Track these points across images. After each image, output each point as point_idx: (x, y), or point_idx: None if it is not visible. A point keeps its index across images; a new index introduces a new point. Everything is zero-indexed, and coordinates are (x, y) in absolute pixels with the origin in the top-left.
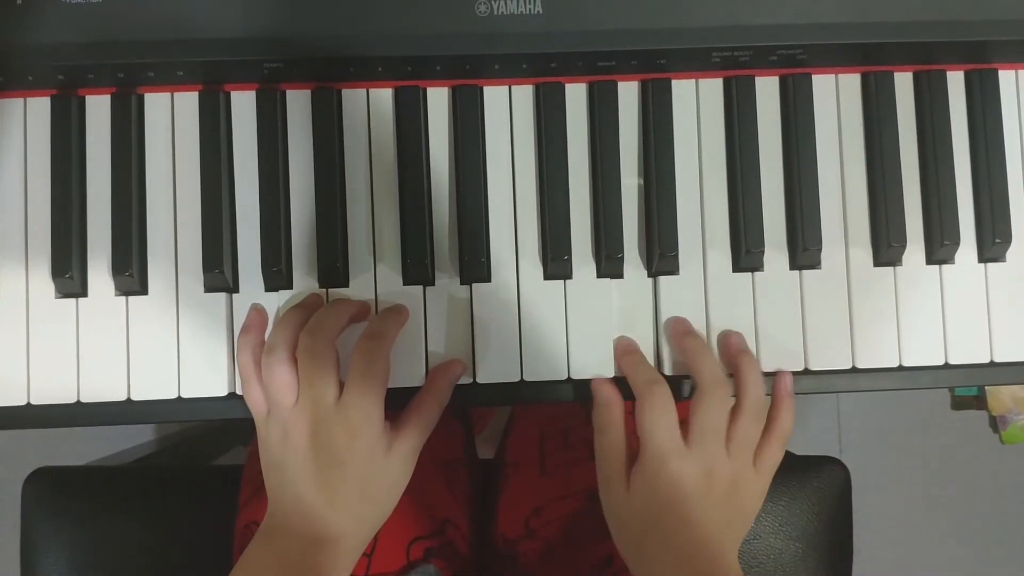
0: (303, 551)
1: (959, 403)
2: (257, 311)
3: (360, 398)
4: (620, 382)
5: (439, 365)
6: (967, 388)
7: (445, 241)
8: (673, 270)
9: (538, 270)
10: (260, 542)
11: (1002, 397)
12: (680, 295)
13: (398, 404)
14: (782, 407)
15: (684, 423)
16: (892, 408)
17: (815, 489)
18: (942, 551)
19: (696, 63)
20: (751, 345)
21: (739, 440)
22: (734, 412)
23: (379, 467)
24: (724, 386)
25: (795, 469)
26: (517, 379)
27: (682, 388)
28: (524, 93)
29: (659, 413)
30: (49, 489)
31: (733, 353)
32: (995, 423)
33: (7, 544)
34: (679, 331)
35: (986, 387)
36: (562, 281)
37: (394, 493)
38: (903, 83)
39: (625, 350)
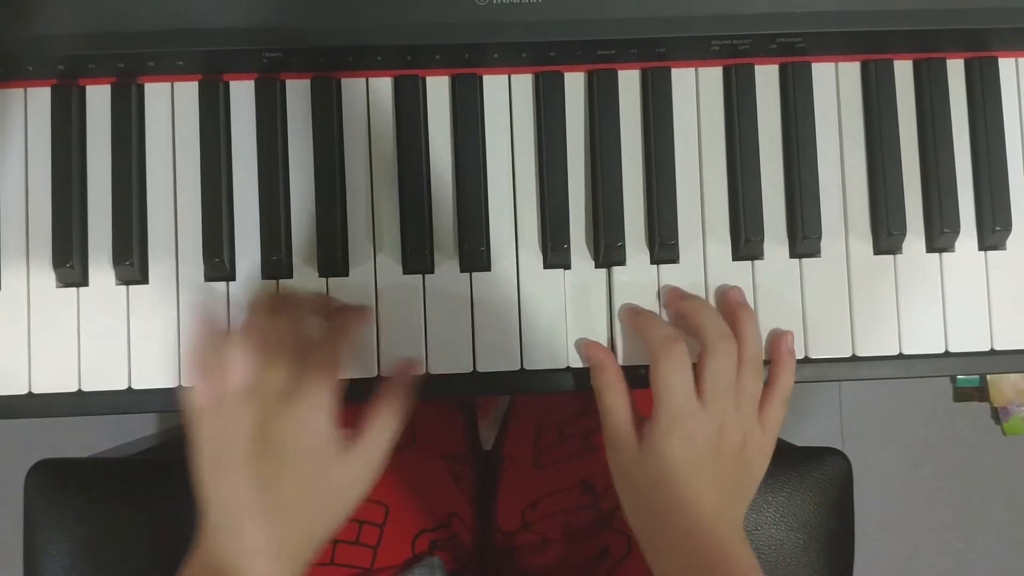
0: (238, 565)
1: (961, 395)
2: (207, 303)
3: (311, 389)
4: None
5: (393, 371)
6: (969, 379)
7: (445, 230)
8: (673, 258)
9: (538, 259)
10: (194, 555)
11: (1004, 389)
12: (680, 283)
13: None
14: (783, 364)
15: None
16: (894, 399)
17: (817, 480)
18: (943, 542)
19: (696, 52)
20: None
21: (744, 394)
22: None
23: (329, 470)
24: (731, 338)
25: (797, 460)
26: (517, 368)
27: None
28: (524, 82)
29: (677, 370)
30: (52, 481)
31: (732, 307)
32: (997, 414)
33: (10, 536)
34: (675, 297)
35: (988, 378)
36: (562, 270)
37: (345, 503)
38: (903, 71)
39: (634, 310)
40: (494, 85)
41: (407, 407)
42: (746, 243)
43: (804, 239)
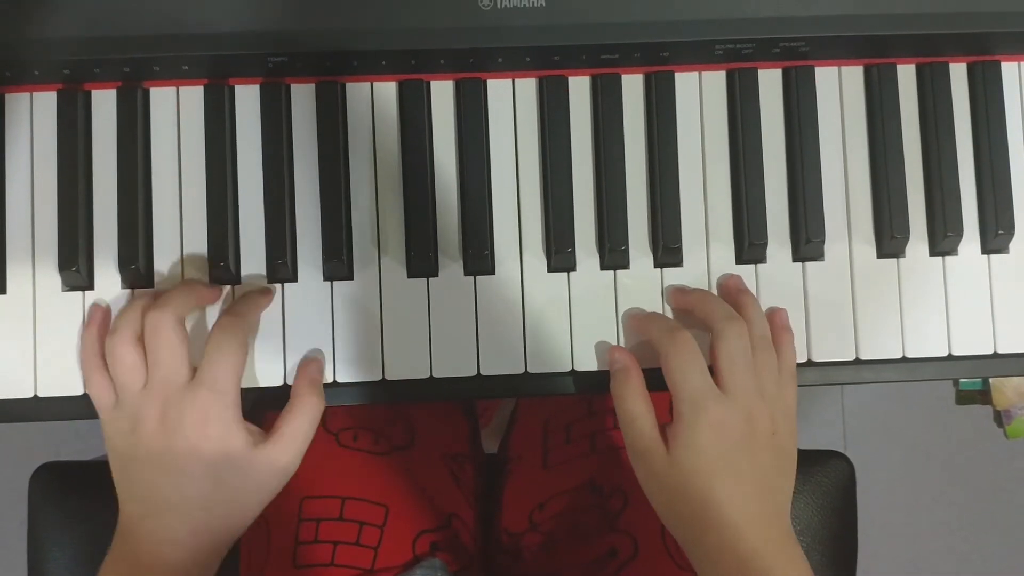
0: (156, 553)
1: (963, 397)
2: (99, 306)
3: (213, 376)
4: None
5: (297, 370)
6: (971, 382)
7: (449, 233)
8: (677, 262)
9: (542, 262)
10: (114, 549)
11: (1007, 391)
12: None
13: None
14: (783, 341)
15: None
16: (896, 403)
17: (819, 483)
18: (947, 545)
19: (699, 56)
20: None
21: (763, 375)
22: None
23: (236, 460)
24: (739, 319)
25: (800, 463)
26: (521, 371)
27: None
28: (528, 86)
29: (688, 358)
30: (55, 484)
31: (733, 293)
32: (1000, 417)
33: (14, 539)
34: (678, 293)
35: (991, 381)
36: (566, 273)
37: (259, 494)
38: (906, 75)
39: (635, 313)
40: (498, 89)
41: (320, 403)
42: (750, 247)
43: (807, 243)
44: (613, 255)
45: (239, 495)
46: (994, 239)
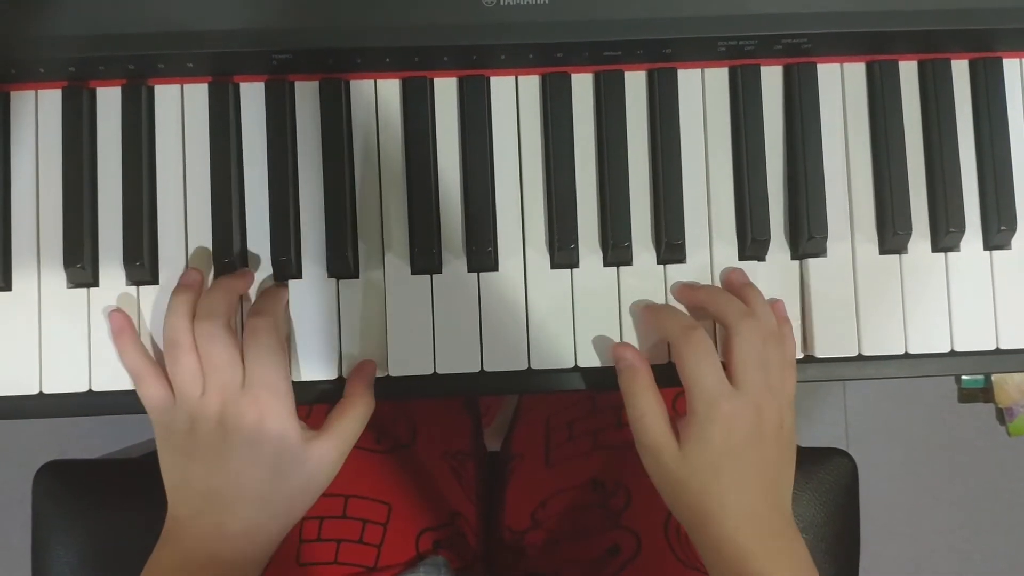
0: (210, 551)
1: (966, 395)
2: (120, 312)
3: (263, 374)
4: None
5: (352, 370)
6: (974, 380)
7: (453, 230)
8: (680, 258)
9: (545, 259)
10: (165, 544)
11: (1009, 389)
12: None
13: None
14: (783, 332)
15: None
16: (899, 400)
17: (822, 481)
18: (949, 543)
19: (702, 53)
20: None
21: (771, 370)
22: None
23: (293, 455)
24: (752, 316)
25: (802, 461)
26: (524, 367)
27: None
28: (531, 83)
29: (702, 355)
30: (59, 483)
31: (737, 288)
32: (1002, 415)
33: (18, 538)
34: (686, 289)
35: (993, 378)
36: (569, 270)
37: (307, 492)
38: (908, 71)
39: (648, 307)
40: (501, 86)
41: (372, 404)
42: (752, 243)
43: (810, 239)
44: (616, 251)
45: (293, 491)
46: (996, 235)
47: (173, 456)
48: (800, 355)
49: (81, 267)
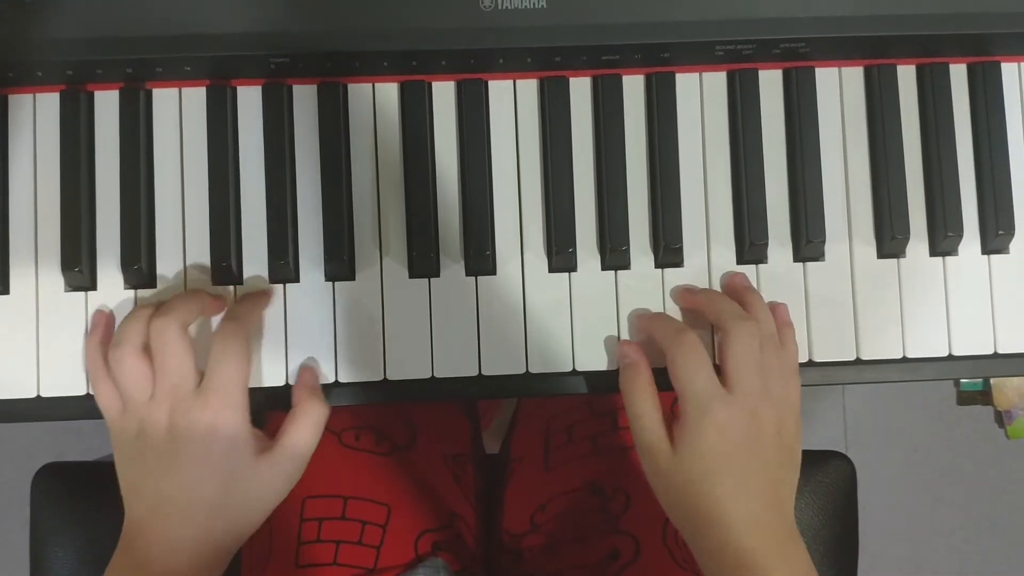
0: (164, 560)
1: (965, 398)
2: (101, 313)
3: (220, 380)
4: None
5: (296, 379)
6: (972, 383)
7: (451, 234)
8: (678, 262)
9: (543, 263)
10: (118, 554)
11: (1007, 392)
12: None
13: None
14: (785, 337)
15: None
16: (898, 403)
17: (821, 484)
18: (948, 545)
19: (700, 57)
20: None
21: (770, 374)
22: None
23: (245, 463)
24: (750, 319)
25: (801, 464)
26: (522, 371)
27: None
28: (529, 87)
29: (694, 358)
30: (58, 485)
31: (739, 291)
32: (1000, 418)
33: (17, 539)
34: (685, 293)
35: (991, 382)
36: (567, 274)
37: (263, 501)
38: (906, 76)
39: (641, 314)
40: (499, 90)
41: (323, 409)
42: (750, 247)
43: (808, 243)
44: (614, 255)
45: (246, 500)
46: (994, 239)
47: (126, 461)
48: (799, 359)
49: (79, 271)
